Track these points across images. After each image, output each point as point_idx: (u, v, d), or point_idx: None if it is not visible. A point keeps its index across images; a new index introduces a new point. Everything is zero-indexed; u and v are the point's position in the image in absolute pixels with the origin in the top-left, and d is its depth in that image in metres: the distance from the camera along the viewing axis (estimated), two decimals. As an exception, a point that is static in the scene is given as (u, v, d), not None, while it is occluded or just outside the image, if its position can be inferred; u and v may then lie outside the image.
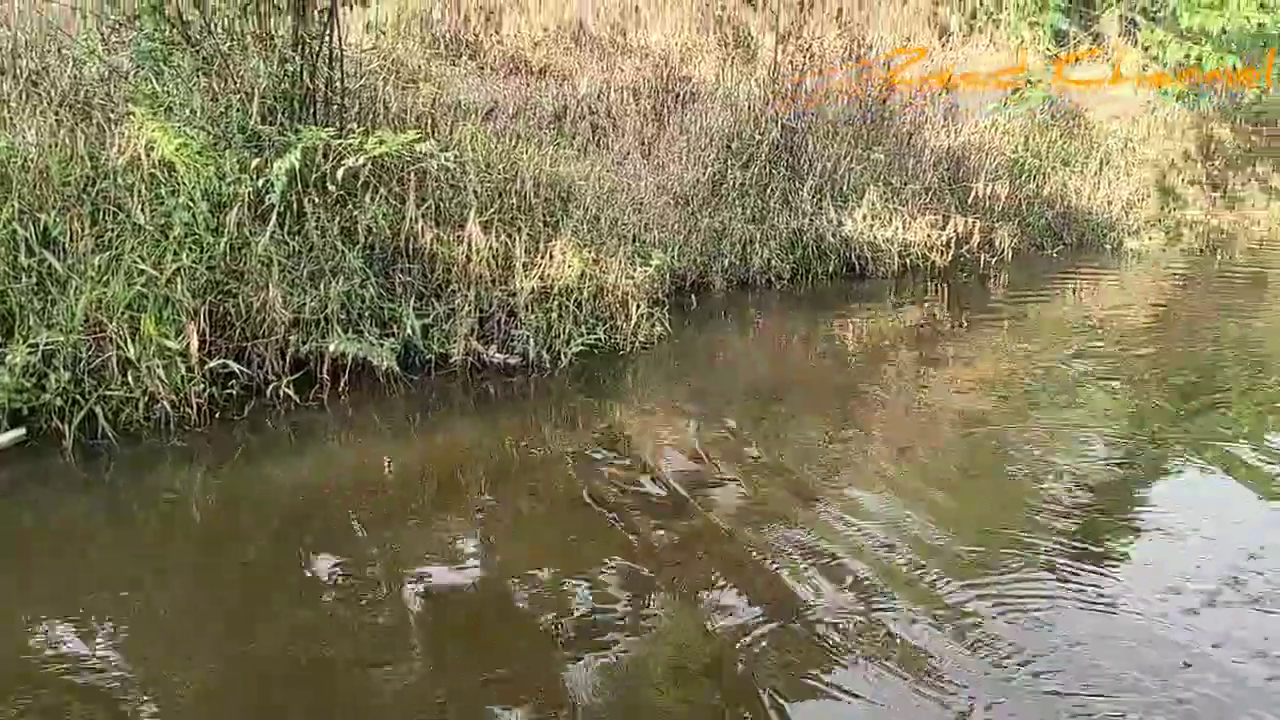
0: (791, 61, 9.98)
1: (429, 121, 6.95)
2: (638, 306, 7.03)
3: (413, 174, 6.38)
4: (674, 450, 5.42)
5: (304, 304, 5.83)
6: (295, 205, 6.00)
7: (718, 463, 5.16)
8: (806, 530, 4.36)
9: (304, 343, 5.83)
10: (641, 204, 8.41)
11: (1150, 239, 12.99)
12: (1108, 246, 12.54)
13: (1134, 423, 6.14)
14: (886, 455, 5.40)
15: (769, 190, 9.43)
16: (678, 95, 10.45)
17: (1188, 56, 12.97)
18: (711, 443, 5.46)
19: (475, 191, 6.58)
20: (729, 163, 9.38)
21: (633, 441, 5.57)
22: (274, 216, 5.88)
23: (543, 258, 6.67)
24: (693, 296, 8.40)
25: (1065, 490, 4.92)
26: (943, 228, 10.27)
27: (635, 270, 7.15)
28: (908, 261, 10.00)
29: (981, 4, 13.06)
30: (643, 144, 9.58)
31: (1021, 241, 11.36)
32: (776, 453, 5.36)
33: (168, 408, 5.14)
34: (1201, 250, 13.33)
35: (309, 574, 3.94)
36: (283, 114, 6.30)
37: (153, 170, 5.70)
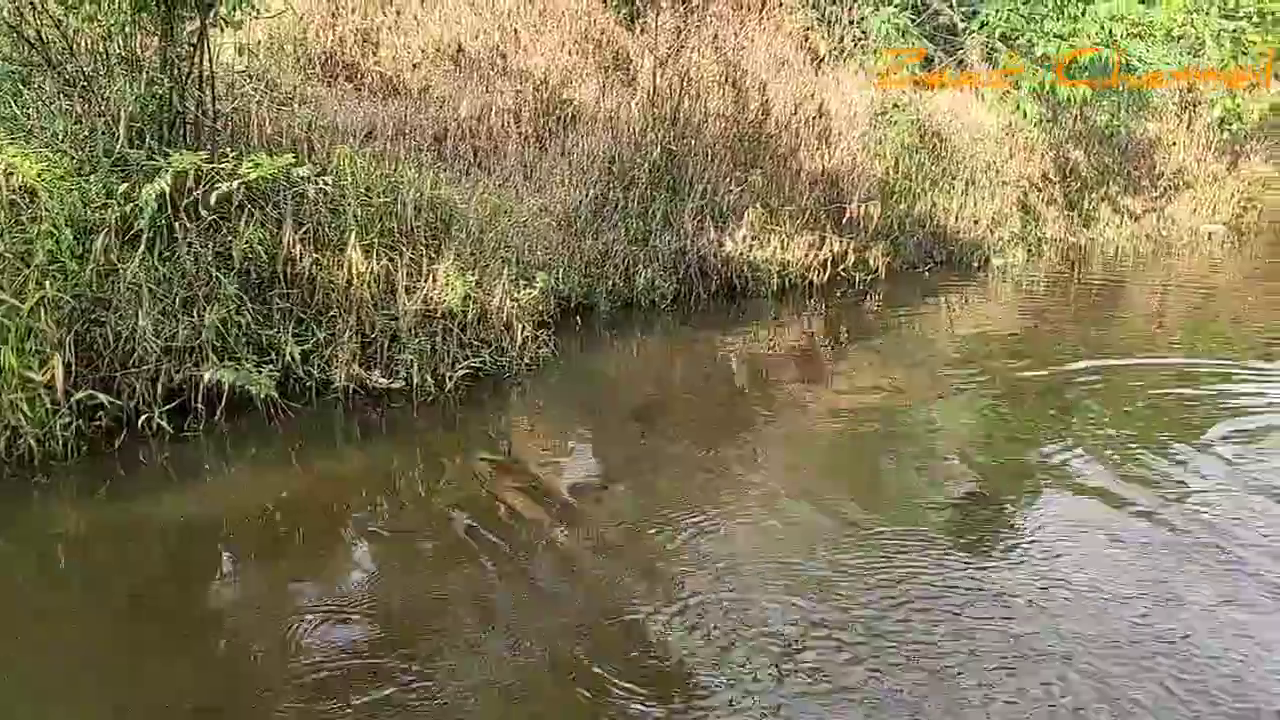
0: (670, 85, 10.14)
1: (306, 144, 6.83)
2: (523, 329, 7.03)
3: (290, 198, 6.26)
4: (560, 472, 5.44)
5: (177, 332, 5.66)
6: (166, 231, 5.83)
7: (603, 483, 5.20)
8: (685, 549, 4.42)
9: (177, 372, 5.66)
10: (525, 226, 8.42)
11: (1014, 256, 13.59)
12: (975, 264, 13.06)
13: (1006, 432, 6.43)
14: (769, 470, 5.51)
15: (651, 212, 9.54)
16: (559, 118, 10.51)
17: (1042, 84, 13.69)
18: (597, 463, 5.50)
19: (355, 215, 6.49)
20: (611, 184, 9.47)
21: (519, 465, 5.57)
22: (143, 242, 5.70)
23: (425, 281, 6.62)
24: (578, 318, 8.44)
25: (944, 497, 5.10)
26: (819, 248, 10.56)
27: (519, 292, 7.15)
28: (787, 281, 10.25)
29: (849, 31, 13.48)
30: (525, 166, 9.60)
31: (895, 260, 11.75)
32: (661, 472, 5.43)
33: (31, 443, 4.92)
34: (1061, 267, 14.03)
35: (188, 615, 3.82)
36: (151, 137, 6.11)
37: (13, 196, 5.46)
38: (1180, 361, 8.72)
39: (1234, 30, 20.65)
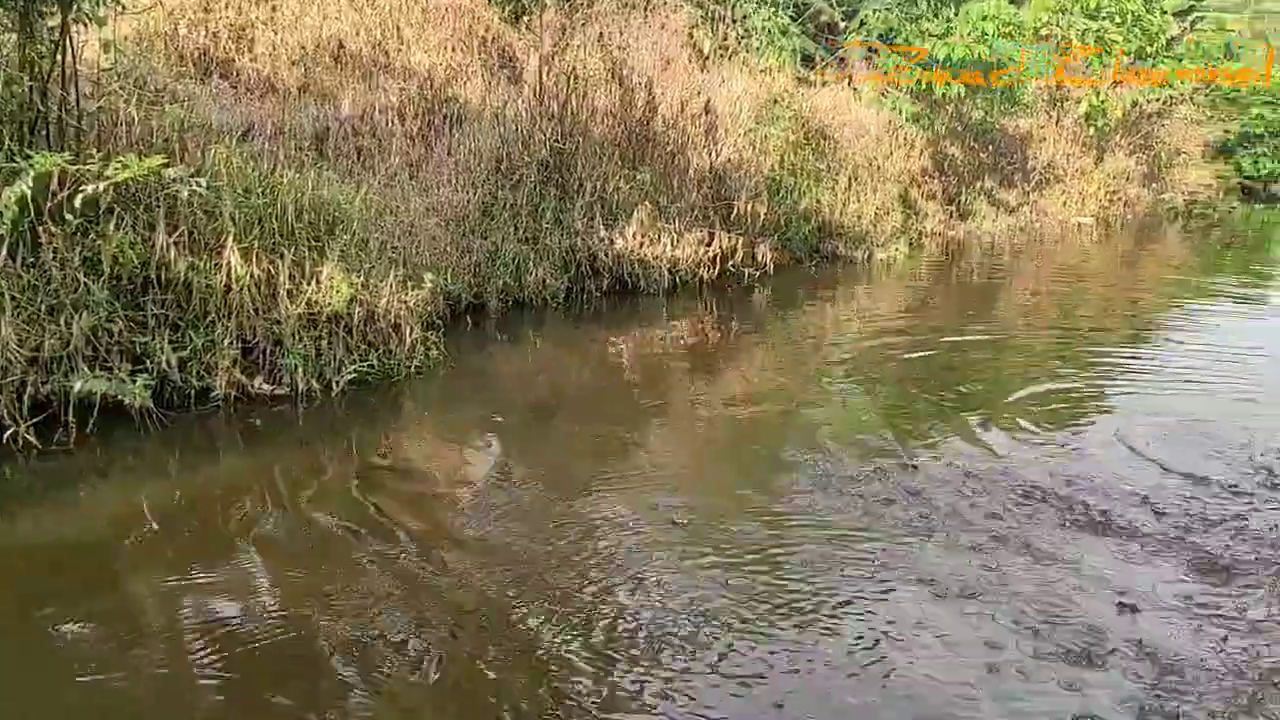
0: (556, 83, 10.11)
1: (178, 145, 6.58)
2: (411, 330, 6.92)
3: (162, 200, 6.03)
4: (447, 473, 5.37)
5: (43, 341, 5.40)
6: (29, 236, 5.55)
7: (493, 483, 5.15)
8: (574, 546, 4.41)
9: (45, 383, 5.40)
10: (412, 226, 8.29)
11: (897, 250, 13.96)
12: (860, 257, 13.38)
13: (892, 418, 6.59)
14: (659, 466, 5.54)
15: (540, 210, 9.50)
16: (445, 116, 10.37)
17: (919, 83, 14.10)
18: (486, 463, 5.45)
19: (232, 217, 6.29)
20: (499, 184, 9.40)
21: (407, 467, 5.48)
22: (4, 248, 5.42)
23: (309, 284, 6.45)
24: (468, 318, 8.36)
25: (835, 482, 5.20)
26: (709, 244, 10.68)
27: (407, 294, 7.03)
28: (677, 277, 10.33)
29: (732, 29, 13.65)
30: (410, 165, 9.44)
31: (783, 255, 11.96)
32: (553, 470, 5.41)
33: (-117, 462, 4.64)
34: (942, 259, 14.47)
35: (63, 635, 3.65)
36: (11, 139, 5.81)
37: None
38: (1051, 345, 9.08)
39: (1097, 30, 21.59)
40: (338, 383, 6.37)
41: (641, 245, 10.01)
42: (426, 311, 7.33)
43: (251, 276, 6.22)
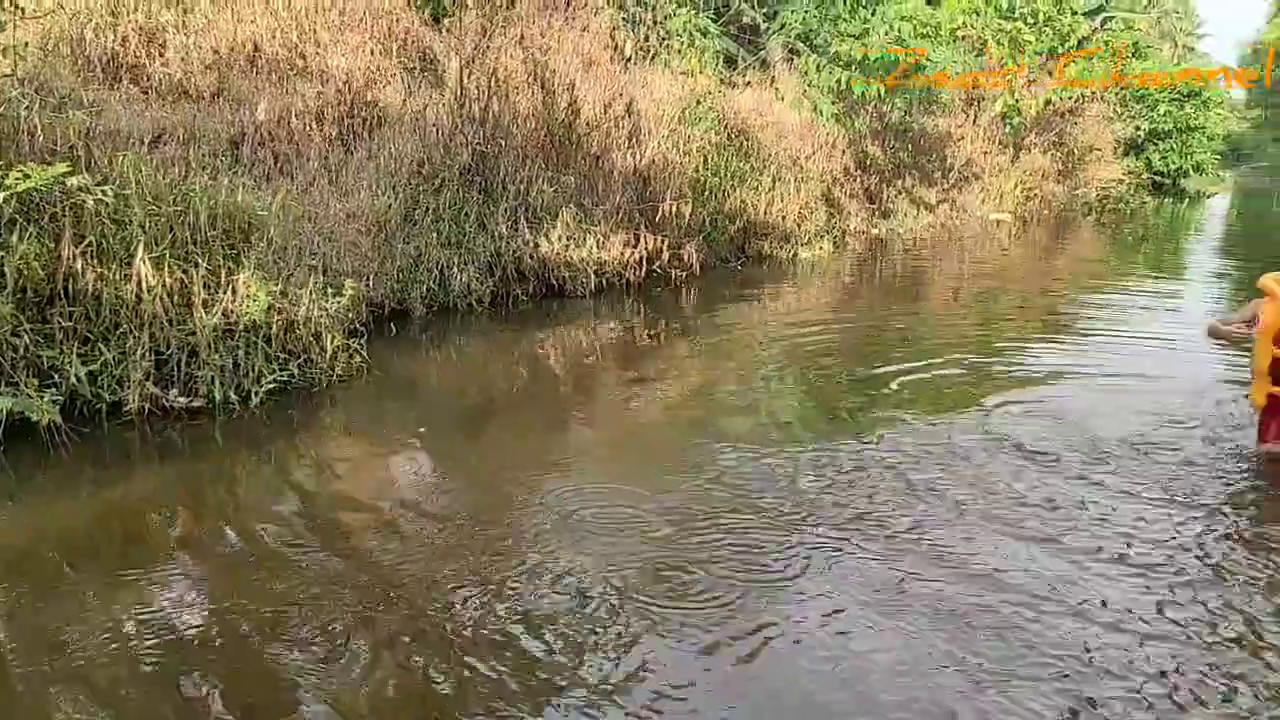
0: (478, 85, 10.03)
1: (84, 152, 6.38)
2: (333, 339, 6.81)
3: (67, 210, 5.84)
4: (373, 483, 5.28)
5: (-58, 358, 5.20)
6: (-75, 248, 5.34)
7: (418, 491, 5.08)
8: (502, 551, 4.37)
9: (-56, 402, 5.19)
10: (331, 233, 8.16)
11: (821, 249, 14.15)
12: (785, 257, 13.52)
13: (823, 414, 6.66)
14: (591, 466, 5.51)
15: (464, 214, 9.42)
16: (364, 120, 10.23)
17: (839, 82, 14.29)
18: (412, 471, 5.38)
19: (142, 225, 6.12)
20: (421, 188, 9.29)
21: (330, 477, 5.38)
22: (-102, 262, 5.21)
23: (224, 293, 6.30)
24: (392, 325, 8.25)
25: (765, 482, 5.22)
26: (634, 246, 10.70)
27: (328, 301, 6.92)
28: (604, 280, 10.33)
29: (654, 31, 13.69)
30: (329, 170, 9.29)
31: (709, 256, 12.03)
32: (479, 476, 5.35)
33: None
34: (865, 257, 14.69)
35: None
36: (-97, 146, 5.59)
37: None
38: (972, 340, 9.26)
39: (1010, 30, 22.13)
40: (257, 393, 6.23)
41: (567, 248, 9.99)
42: (348, 319, 7.23)
43: (164, 286, 6.06)
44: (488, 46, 10.45)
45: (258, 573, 4.21)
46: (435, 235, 9.08)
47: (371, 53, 11.15)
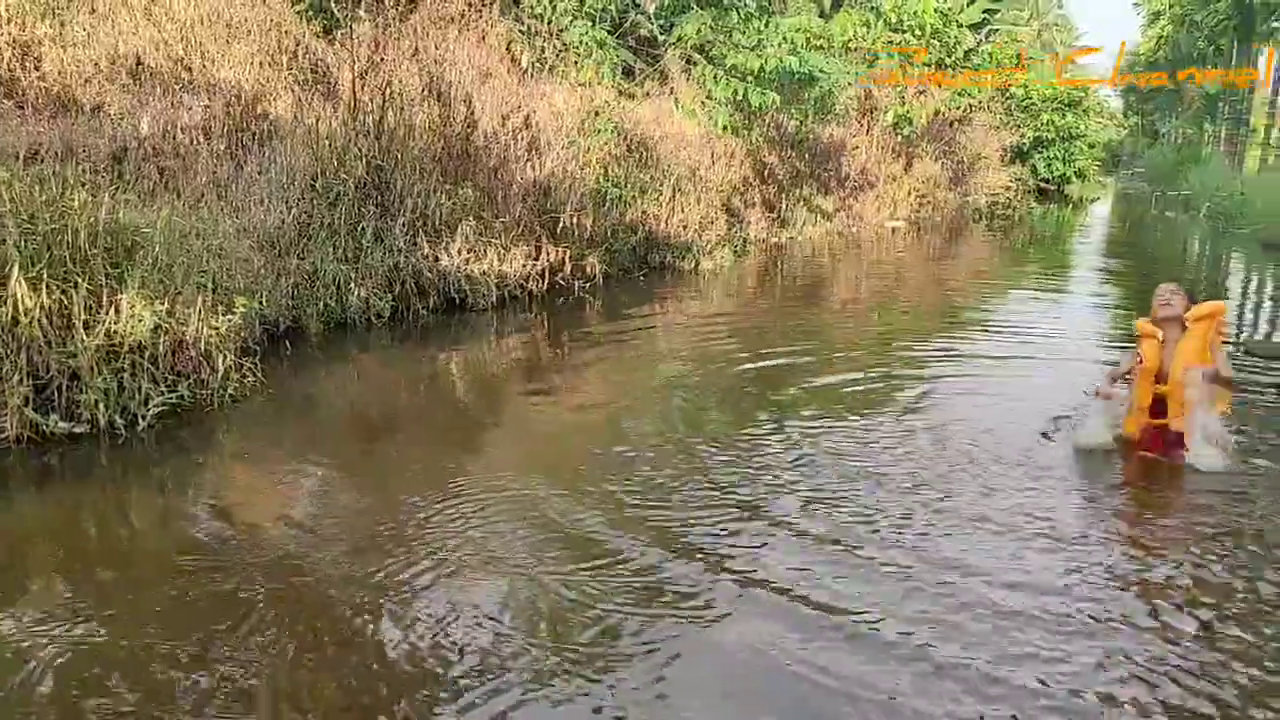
0: (372, 97, 9.87)
1: (-49, 168, 6.08)
2: (224, 358, 6.60)
3: (-66, 229, 5.56)
4: (267, 505, 5.12)
5: None
6: None
7: (314, 512, 4.95)
8: (406, 577, 4.29)
9: None
10: (221, 249, 7.91)
11: (723, 258, 14.27)
12: (687, 267, 13.60)
13: (728, 420, 6.69)
14: (492, 481, 5.43)
15: (360, 229, 9.24)
16: (255, 134, 9.98)
17: (735, 92, 14.47)
18: (308, 494, 5.23)
19: (16, 245, 5.85)
20: (315, 202, 9.10)
21: (222, 500, 5.19)
22: None
23: (107, 313, 6.06)
24: (287, 343, 8.03)
25: (670, 489, 5.23)
26: (536, 258, 10.64)
27: (218, 320, 6.70)
28: (506, 292, 10.25)
29: (550, 42, 13.68)
30: (218, 186, 9.02)
31: (611, 267, 12.04)
32: (378, 495, 5.23)
33: None
34: (766, 265, 14.88)
35: None
36: None
37: None
38: (872, 344, 9.44)
39: (899, 42, 22.71)
40: (144, 417, 6.00)
41: (467, 261, 9.88)
42: (240, 337, 7.01)
43: (42, 308, 5.80)
44: (381, 58, 10.30)
45: (139, 603, 4.04)
46: (331, 250, 8.90)
47: (261, 65, 10.88)
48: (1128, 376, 6.09)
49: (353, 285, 8.86)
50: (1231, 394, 5.93)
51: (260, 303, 7.72)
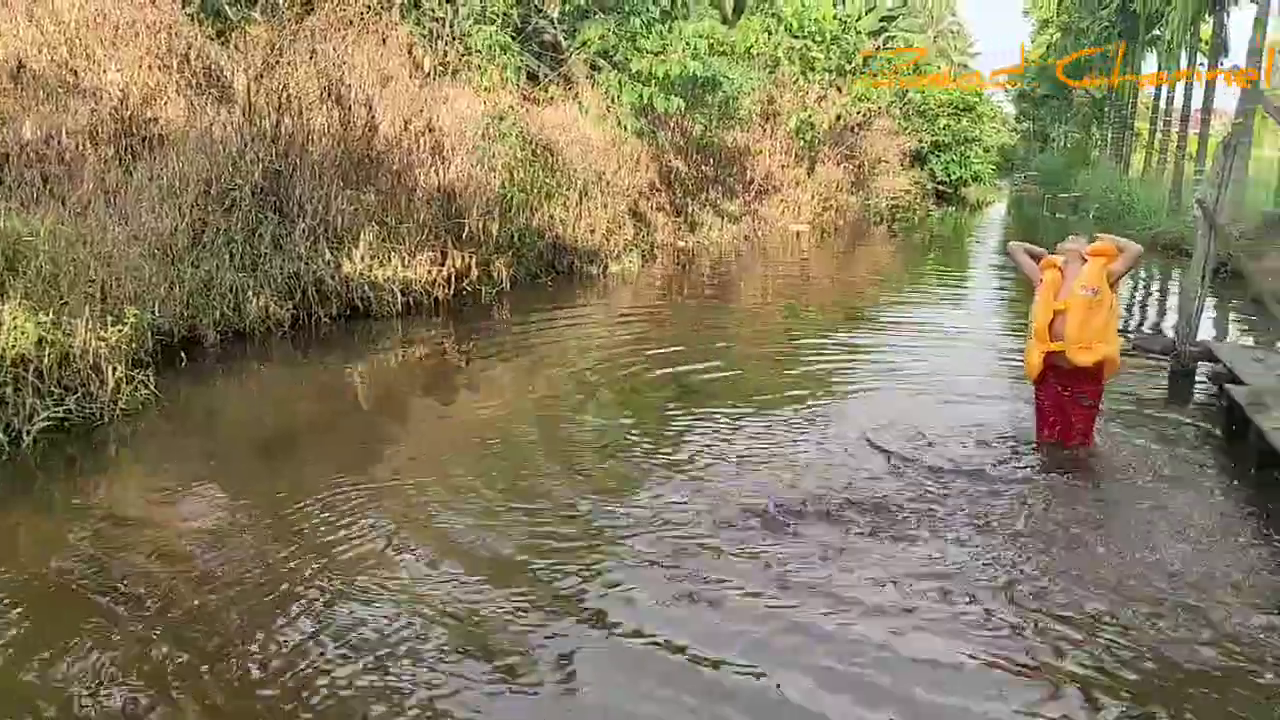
0: (268, 101, 9.63)
1: None
2: (114, 370, 6.35)
3: None
4: (161, 521, 4.94)
5: None
6: None
7: (209, 531, 4.77)
8: (305, 592, 4.18)
9: None
10: (110, 257, 7.62)
11: (630, 262, 14.27)
12: (595, 271, 13.57)
13: (634, 423, 6.68)
14: (397, 491, 5.33)
15: (258, 235, 9.00)
16: (145, 139, 9.65)
17: (640, 97, 14.50)
18: (203, 510, 5.05)
19: (-114, 255, 5.56)
20: (209, 208, 8.83)
21: (113, 517, 4.99)
22: None
23: (-13, 326, 5.79)
24: (182, 353, 7.75)
25: (572, 497, 5.20)
26: (442, 264, 10.49)
27: (107, 331, 6.45)
28: (411, 299, 10.08)
29: (453, 45, 13.53)
30: (107, 192, 8.69)
31: (518, 272, 11.94)
32: (278, 509, 5.07)
33: None
34: (673, 269, 14.94)
35: None
36: None
37: None
38: (779, 343, 9.56)
39: (800, 48, 23.07)
40: (29, 432, 5.74)
41: (371, 267, 9.69)
42: (132, 349, 6.76)
43: (-86, 321, 5.51)
44: (277, 61, 10.05)
45: (24, 624, 3.85)
46: (228, 257, 8.64)
47: (150, 68, 10.52)
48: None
49: (251, 293, 8.62)
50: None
51: (153, 312, 7.46)
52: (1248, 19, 20.41)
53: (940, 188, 36.12)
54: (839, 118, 24.60)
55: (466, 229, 11.05)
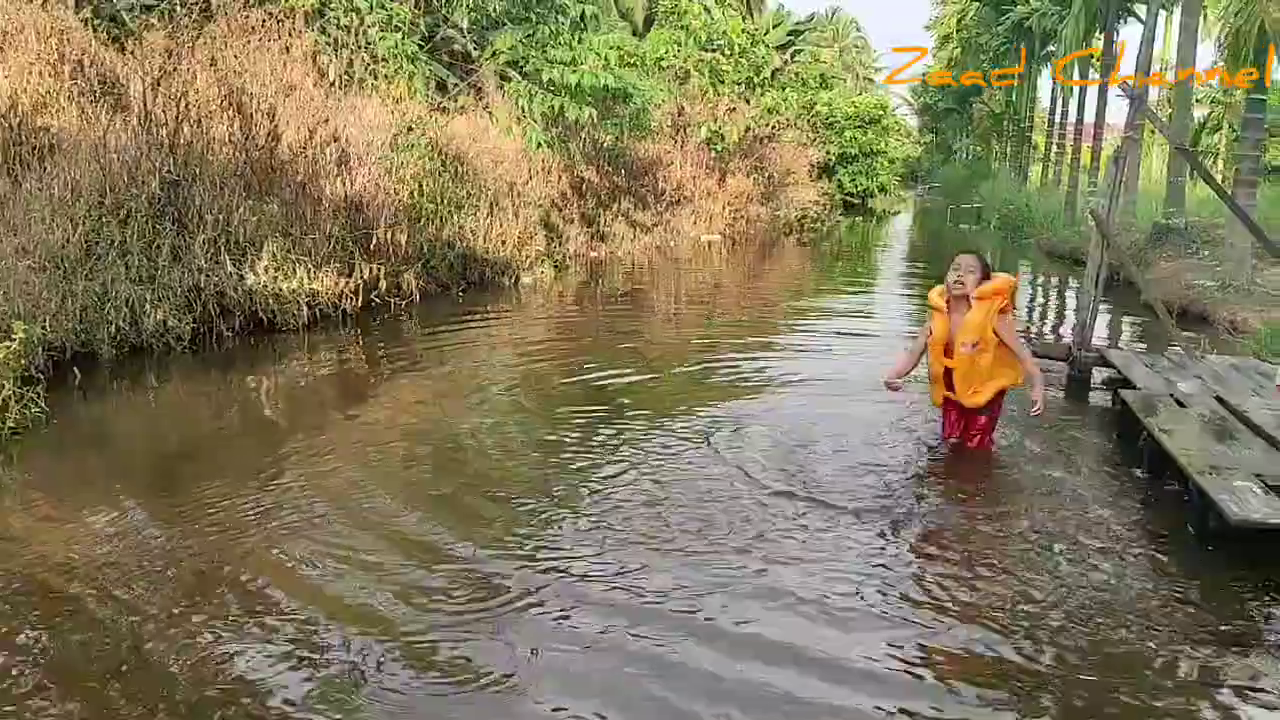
0: (165, 110, 9.36)
1: None
2: (2, 388, 6.08)
3: None
4: (50, 548, 4.72)
5: None
6: None
7: (104, 556, 4.57)
8: (204, 613, 4.05)
9: None
10: (-4, 271, 7.33)
11: (543, 273, 14.23)
12: (507, 282, 13.50)
13: (548, 434, 6.63)
14: (302, 507, 5.19)
15: (155, 247, 8.73)
16: (34, 148, 9.30)
17: (551, 108, 14.48)
18: (98, 533, 4.84)
19: None
20: (104, 220, 8.54)
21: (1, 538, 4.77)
22: None
23: None
24: (75, 369, 7.46)
25: (498, 494, 5.14)
26: (349, 275, 10.31)
27: (-7, 347, 6.18)
28: (318, 311, 9.88)
29: (359, 54, 13.34)
30: (-7, 203, 8.35)
31: (429, 284, 11.79)
32: (177, 533, 4.89)
33: None
34: (586, 280, 14.93)
35: None
36: None
37: None
38: (691, 353, 9.60)
39: (710, 61, 23.32)
40: (-91, 454, 5.47)
41: (275, 279, 9.47)
42: (21, 365, 6.49)
43: None
44: (175, 68, 9.78)
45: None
46: (123, 270, 8.36)
47: (41, 74, 10.15)
48: (923, 352, 6.32)
49: (148, 307, 8.34)
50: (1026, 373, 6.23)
51: (43, 327, 7.17)
52: (1137, 34, 21.23)
53: (848, 199, 36.85)
54: (748, 129, 24.93)
55: (375, 240, 10.89)
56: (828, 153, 34.57)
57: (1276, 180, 23.72)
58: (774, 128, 27.51)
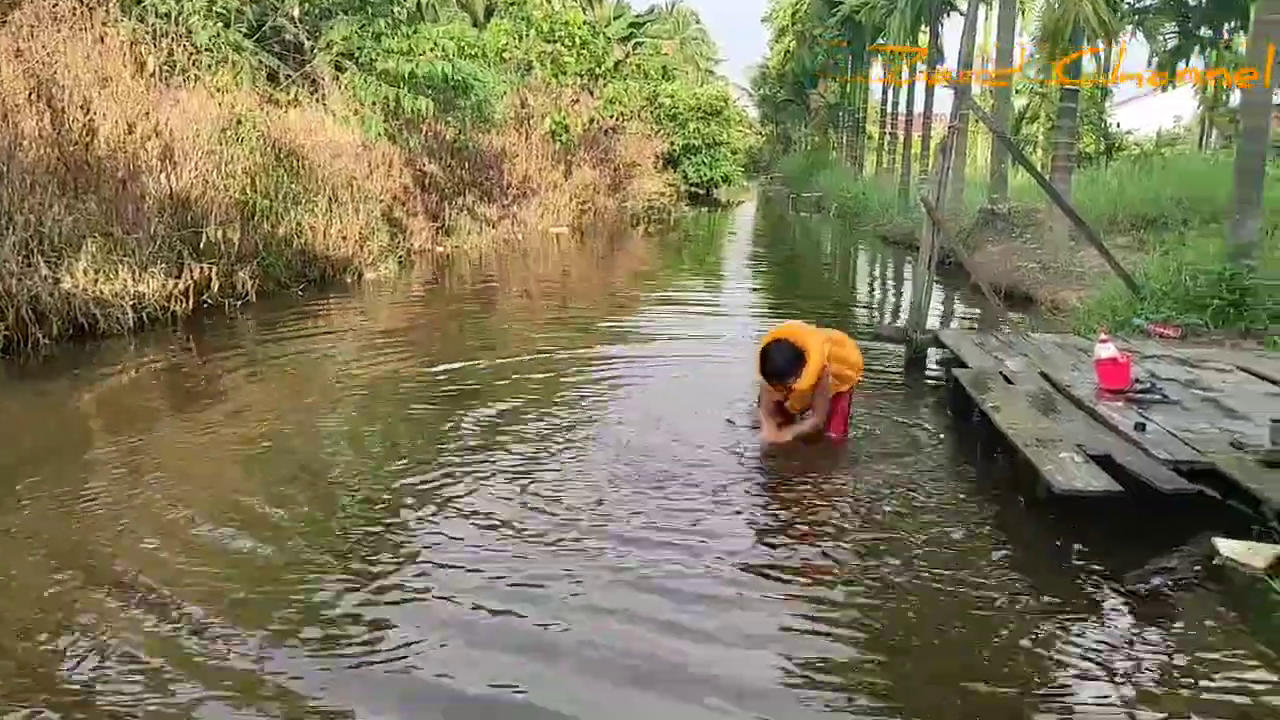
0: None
1: None
2: None
3: None
4: None
5: None
6: None
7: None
8: (44, 642, 3.80)
9: None
10: None
11: (387, 269, 13.91)
12: (349, 279, 13.14)
13: (400, 432, 6.48)
14: (130, 524, 4.92)
15: (-42, 251, 8.12)
16: None
17: (387, 99, 14.16)
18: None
19: None
20: (-103, 222, 7.89)
21: None
22: None
23: None
24: None
25: (340, 511, 4.98)
26: (178, 276, 9.83)
27: None
28: (145, 315, 9.37)
29: (180, 44, 12.72)
30: None
31: (265, 283, 11.35)
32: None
33: None
34: (432, 275, 14.68)
35: None
36: None
37: None
38: (543, 345, 9.55)
39: (552, 52, 23.24)
40: None
41: (95, 282, 8.94)
42: None
43: None
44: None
45: None
46: (-79, 276, 7.75)
47: None
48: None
49: (-48, 315, 7.76)
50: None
51: None
52: (959, 28, 22.21)
53: (693, 189, 37.39)
54: (592, 121, 24.97)
55: (205, 238, 10.41)
56: (672, 144, 34.97)
57: (1088, 167, 25.24)
58: (618, 119, 27.65)
